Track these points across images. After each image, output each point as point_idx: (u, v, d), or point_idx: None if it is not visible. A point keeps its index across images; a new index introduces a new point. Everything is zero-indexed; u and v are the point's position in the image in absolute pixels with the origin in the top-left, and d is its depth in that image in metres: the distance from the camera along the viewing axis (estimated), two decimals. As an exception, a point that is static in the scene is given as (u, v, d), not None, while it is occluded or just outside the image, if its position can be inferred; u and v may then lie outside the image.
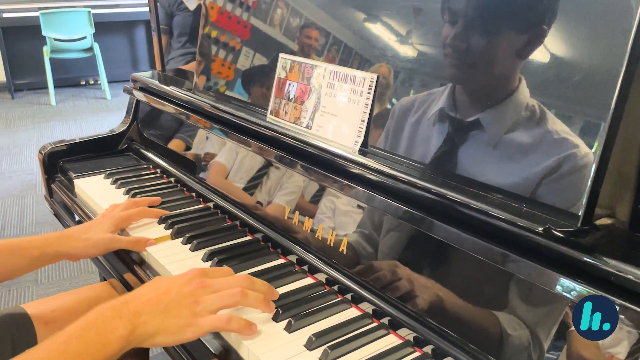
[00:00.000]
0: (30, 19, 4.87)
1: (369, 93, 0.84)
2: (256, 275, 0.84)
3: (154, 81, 1.38)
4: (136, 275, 0.94)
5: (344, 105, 0.87)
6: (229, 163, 1.10)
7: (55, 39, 4.80)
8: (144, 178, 1.28)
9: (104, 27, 5.28)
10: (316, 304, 0.79)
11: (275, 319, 0.75)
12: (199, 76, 1.25)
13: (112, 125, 1.49)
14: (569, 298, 0.56)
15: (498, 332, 0.62)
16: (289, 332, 0.73)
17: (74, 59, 5.20)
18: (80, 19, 4.82)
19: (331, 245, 0.84)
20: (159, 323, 0.68)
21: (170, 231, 1.00)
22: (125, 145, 1.46)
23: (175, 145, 1.30)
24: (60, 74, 5.38)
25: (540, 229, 0.56)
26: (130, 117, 1.46)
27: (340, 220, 0.84)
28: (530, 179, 0.64)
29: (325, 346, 0.69)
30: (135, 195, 1.16)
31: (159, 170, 1.32)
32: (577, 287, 0.56)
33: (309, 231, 0.88)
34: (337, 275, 0.83)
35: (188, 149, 1.25)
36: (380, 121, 0.84)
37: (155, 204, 1.10)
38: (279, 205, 0.95)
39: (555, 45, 0.64)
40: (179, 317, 0.69)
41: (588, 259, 0.55)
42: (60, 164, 1.36)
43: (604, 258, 0.55)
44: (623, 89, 0.54)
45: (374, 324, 0.75)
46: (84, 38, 4.91)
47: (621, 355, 0.52)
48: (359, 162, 0.81)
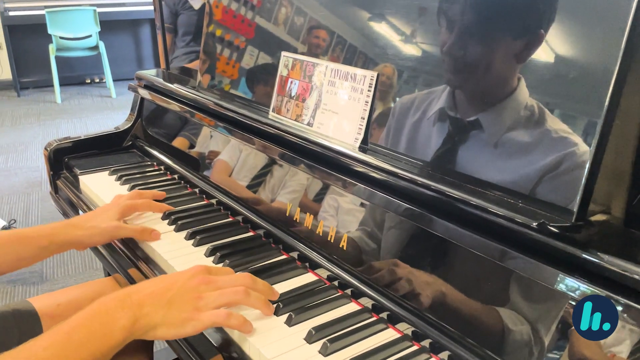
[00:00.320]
0: (36, 17, 4.90)
1: (369, 91, 0.85)
2: (258, 270, 0.85)
3: (159, 79, 1.39)
4: (140, 270, 0.96)
5: (345, 102, 0.88)
6: (232, 161, 1.11)
7: (61, 37, 4.83)
8: (148, 175, 1.29)
9: (109, 26, 5.31)
10: (316, 299, 0.80)
11: (276, 313, 0.76)
12: (203, 75, 1.26)
13: (117, 123, 1.51)
14: (565, 293, 0.57)
15: (494, 327, 0.63)
16: (290, 326, 0.74)
17: (79, 57, 5.24)
18: (86, 18, 4.85)
19: (332, 241, 0.85)
20: (161, 315, 0.69)
21: (173, 227, 1.02)
22: (130, 142, 1.47)
23: (179, 143, 1.31)
24: (65, 72, 5.41)
25: (534, 224, 0.57)
26: (134, 115, 1.48)
27: (343, 218, 0.85)
28: (529, 177, 0.65)
29: (324, 339, 0.70)
30: (135, 187, 1.17)
31: (163, 167, 1.33)
32: (573, 283, 0.57)
33: (310, 228, 0.89)
34: (338, 271, 0.84)
35: (192, 146, 1.27)
36: (381, 119, 0.85)
37: (160, 198, 1.11)
38: (282, 203, 0.96)
39: (553, 44, 0.65)
40: (182, 311, 0.70)
41: (582, 254, 0.56)
42: (66, 160, 1.38)
43: (598, 253, 0.56)
44: (617, 86, 0.55)
45: (373, 319, 0.76)
46: (90, 36, 4.93)
47: (618, 349, 0.53)
48: (359, 159, 0.82)
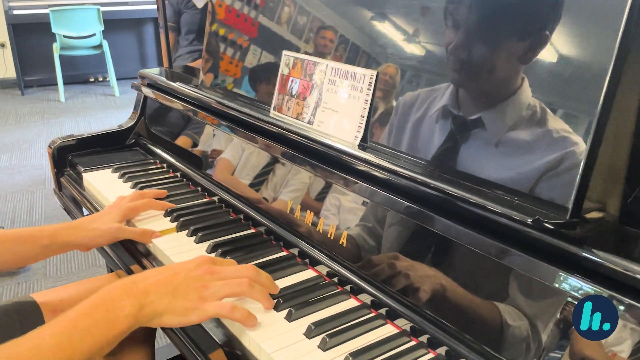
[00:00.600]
0: (40, 16, 4.92)
1: (368, 89, 0.85)
2: (259, 266, 0.86)
3: (162, 78, 1.40)
4: (142, 267, 0.97)
5: (345, 101, 0.89)
6: (235, 160, 1.12)
7: (64, 36, 4.85)
8: (151, 172, 1.31)
9: (112, 25, 5.32)
10: (316, 295, 0.81)
11: (276, 308, 0.77)
12: (205, 74, 1.27)
13: (120, 121, 1.52)
14: (560, 290, 0.58)
15: (491, 323, 0.64)
16: (289, 321, 0.75)
17: (83, 56, 5.25)
18: (90, 17, 4.87)
19: (332, 238, 0.86)
20: (166, 303, 0.70)
21: (175, 224, 1.03)
22: (133, 140, 1.49)
23: (181, 142, 1.32)
24: (69, 71, 5.43)
25: (529, 220, 0.58)
26: (138, 113, 1.49)
27: (345, 217, 0.85)
28: (529, 176, 0.65)
29: (324, 334, 0.71)
30: (142, 188, 1.19)
31: (165, 165, 1.34)
32: (568, 279, 0.57)
33: (310, 225, 0.90)
34: (337, 268, 0.85)
35: (194, 144, 1.28)
36: (384, 117, 0.86)
37: (161, 196, 1.12)
38: (283, 201, 0.97)
39: (557, 45, 0.65)
40: (186, 300, 0.71)
41: (576, 251, 0.57)
42: (69, 158, 1.39)
43: (593, 250, 0.57)
44: (612, 83, 0.56)
45: (372, 314, 0.77)
46: (93, 35, 4.95)
47: (617, 348, 0.54)
48: (358, 157, 0.83)
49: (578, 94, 0.62)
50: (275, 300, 0.78)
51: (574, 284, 0.57)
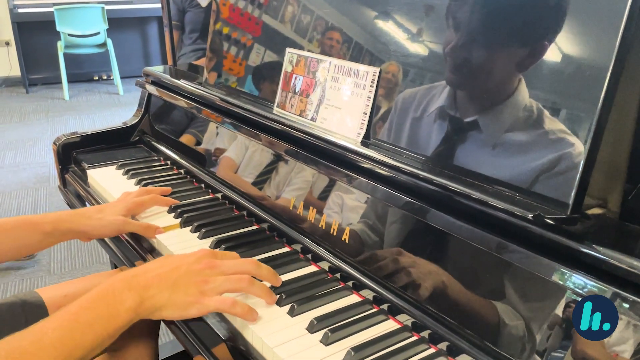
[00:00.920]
0: (45, 14, 4.94)
1: (371, 86, 0.86)
2: (262, 262, 0.86)
3: (166, 75, 1.41)
4: (146, 262, 0.98)
5: (348, 98, 0.90)
6: (238, 158, 1.13)
7: (69, 35, 4.87)
8: (155, 169, 1.31)
9: (117, 23, 5.34)
10: (318, 290, 0.81)
11: (279, 303, 0.78)
12: (209, 72, 1.28)
13: (124, 119, 1.52)
14: (562, 285, 0.58)
15: (492, 318, 0.65)
16: (292, 316, 0.75)
17: (87, 55, 5.27)
18: (94, 15, 4.88)
19: (334, 234, 0.87)
20: (167, 297, 0.71)
21: (179, 220, 1.03)
22: (137, 137, 1.49)
23: (185, 140, 1.33)
24: (73, 69, 5.45)
25: (530, 216, 0.59)
26: (142, 110, 1.50)
27: (347, 215, 0.86)
28: (525, 178, 0.65)
29: (326, 329, 0.71)
30: (146, 185, 1.19)
31: (169, 162, 1.35)
32: (568, 274, 0.58)
33: (313, 222, 0.91)
34: (340, 264, 0.86)
35: (198, 142, 1.28)
36: (384, 114, 0.86)
37: (166, 194, 1.13)
38: (286, 199, 0.98)
39: (556, 47, 0.65)
40: (187, 294, 0.72)
41: (576, 246, 0.57)
42: (74, 155, 1.40)
43: (594, 245, 0.57)
44: (612, 80, 0.56)
45: (374, 310, 0.78)
46: (98, 34, 4.97)
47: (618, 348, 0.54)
48: (361, 153, 0.84)
49: (578, 92, 0.62)
50: (278, 295, 0.79)
51: (574, 280, 0.57)
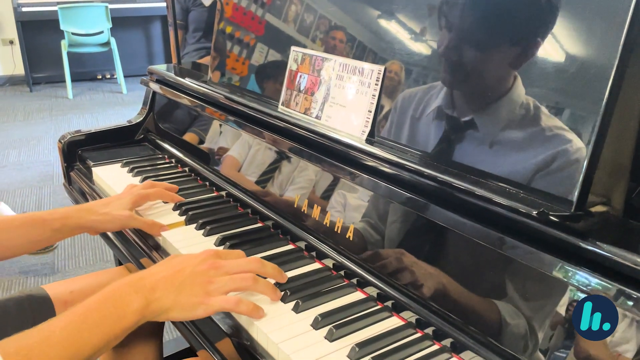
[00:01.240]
0: (49, 13, 4.96)
1: (376, 84, 0.86)
2: (266, 259, 0.87)
3: (170, 73, 1.41)
4: (152, 260, 0.98)
5: (352, 96, 0.90)
6: (241, 157, 1.13)
7: (73, 34, 4.88)
8: (160, 167, 1.32)
9: (120, 22, 5.35)
10: (323, 287, 0.82)
11: (284, 300, 0.78)
12: (213, 71, 1.28)
13: (128, 118, 1.53)
14: (564, 282, 0.58)
15: (496, 315, 0.65)
16: (297, 313, 0.76)
17: (91, 53, 5.29)
18: (98, 14, 4.90)
19: (338, 232, 0.87)
20: (172, 299, 0.71)
21: (184, 217, 1.04)
22: (142, 135, 1.50)
23: (189, 137, 1.34)
24: (77, 68, 5.47)
25: (534, 212, 0.59)
26: (146, 109, 1.50)
27: (351, 214, 0.86)
28: (523, 176, 0.66)
29: (330, 325, 0.72)
30: (147, 179, 1.20)
31: (173, 160, 1.35)
32: (571, 271, 0.58)
33: (317, 219, 0.91)
34: (344, 261, 0.86)
35: (202, 140, 1.29)
36: (385, 113, 0.87)
37: (172, 191, 1.14)
38: (290, 197, 0.98)
39: (551, 44, 0.66)
40: (192, 295, 0.72)
41: (581, 243, 0.58)
42: (79, 152, 1.40)
43: (597, 242, 0.57)
44: (617, 79, 0.57)
45: (378, 307, 0.78)
46: (101, 33, 4.98)
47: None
48: (366, 151, 0.84)
49: (582, 90, 0.62)
50: (283, 292, 0.79)
51: (578, 277, 0.58)
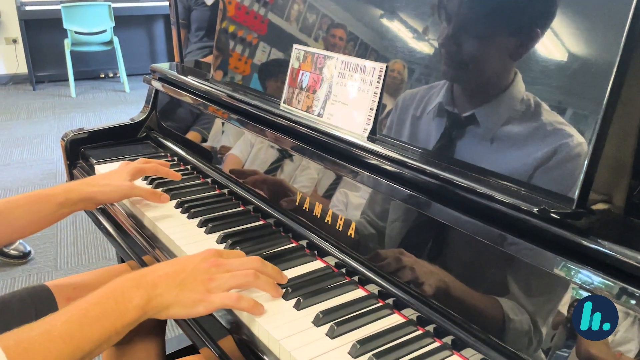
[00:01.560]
0: (52, 12, 4.97)
1: (378, 82, 0.87)
2: (268, 257, 0.87)
3: (173, 72, 1.42)
4: (154, 257, 0.98)
5: (354, 94, 0.90)
6: (243, 156, 1.14)
7: (76, 32, 4.89)
8: (162, 165, 1.32)
9: (123, 21, 5.36)
10: (324, 285, 0.82)
11: (285, 297, 0.78)
12: (215, 71, 1.28)
13: (130, 117, 1.54)
14: (566, 279, 0.58)
15: (496, 312, 0.65)
16: (298, 310, 0.76)
17: (94, 52, 5.29)
18: (101, 13, 4.90)
19: (340, 230, 0.87)
20: (174, 296, 0.72)
21: (186, 215, 1.04)
22: (144, 133, 1.51)
23: (191, 135, 1.34)
24: (80, 67, 5.48)
25: (536, 210, 0.59)
26: (149, 107, 1.51)
27: (353, 210, 0.87)
28: (524, 170, 0.66)
29: (332, 322, 0.72)
30: (153, 181, 1.20)
31: (176, 158, 1.36)
32: (572, 268, 0.58)
33: (319, 217, 0.92)
34: (345, 259, 0.86)
35: (204, 138, 1.29)
36: (387, 113, 0.87)
37: (165, 167, 1.16)
38: (292, 195, 0.98)
39: (551, 39, 0.66)
40: (193, 292, 0.72)
41: (582, 241, 0.58)
42: (82, 150, 1.41)
43: (599, 240, 0.57)
44: (618, 76, 0.57)
45: (379, 304, 0.78)
46: (104, 31, 4.99)
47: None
48: (368, 149, 0.84)
49: (584, 88, 0.63)
50: (284, 289, 0.79)
51: (579, 274, 0.58)
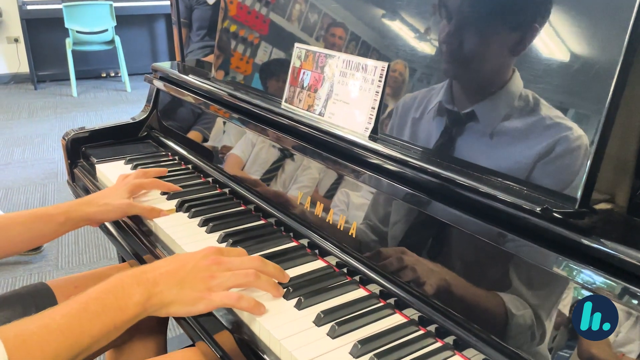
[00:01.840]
0: (54, 11, 4.97)
1: (379, 81, 0.86)
2: (269, 256, 0.87)
3: (174, 71, 1.42)
4: (155, 256, 0.98)
5: (356, 93, 0.90)
6: (245, 155, 1.13)
7: (77, 32, 4.89)
8: (163, 164, 1.32)
9: (125, 21, 5.36)
10: (325, 285, 0.82)
11: (286, 297, 0.78)
12: (217, 70, 1.28)
13: (132, 116, 1.54)
14: (568, 279, 0.58)
15: (498, 312, 0.65)
16: (299, 309, 0.76)
17: (95, 52, 5.29)
18: (102, 12, 4.90)
19: (341, 229, 0.87)
20: (174, 293, 0.71)
21: (187, 214, 1.04)
22: (145, 133, 1.50)
23: (192, 134, 1.34)
24: (81, 66, 5.48)
25: (538, 209, 0.59)
26: (150, 106, 1.51)
27: (355, 208, 0.86)
28: (524, 165, 0.66)
29: (333, 322, 0.72)
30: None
31: (177, 157, 1.36)
32: (574, 268, 0.58)
33: (320, 217, 0.91)
34: (347, 258, 0.86)
35: (205, 137, 1.29)
36: (389, 113, 0.86)
37: (162, 174, 1.18)
38: (293, 195, 0.98)
39: (549, 36, 0.66)
40: (194, 290, 0.72)
41: (584, 240, 0.57)
42: (83, 149, 1.41)
43: (601, 239, 0.57)
44: (621, 75, 0.57)
45: (381, 304, 0.78)
46: (106, 31, 4.99)
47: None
48: (369, 148, 0.84)
49: (587, 87, 0.62)
50: (285, 289, 0.79)
51: (582, 274, 0.57)
